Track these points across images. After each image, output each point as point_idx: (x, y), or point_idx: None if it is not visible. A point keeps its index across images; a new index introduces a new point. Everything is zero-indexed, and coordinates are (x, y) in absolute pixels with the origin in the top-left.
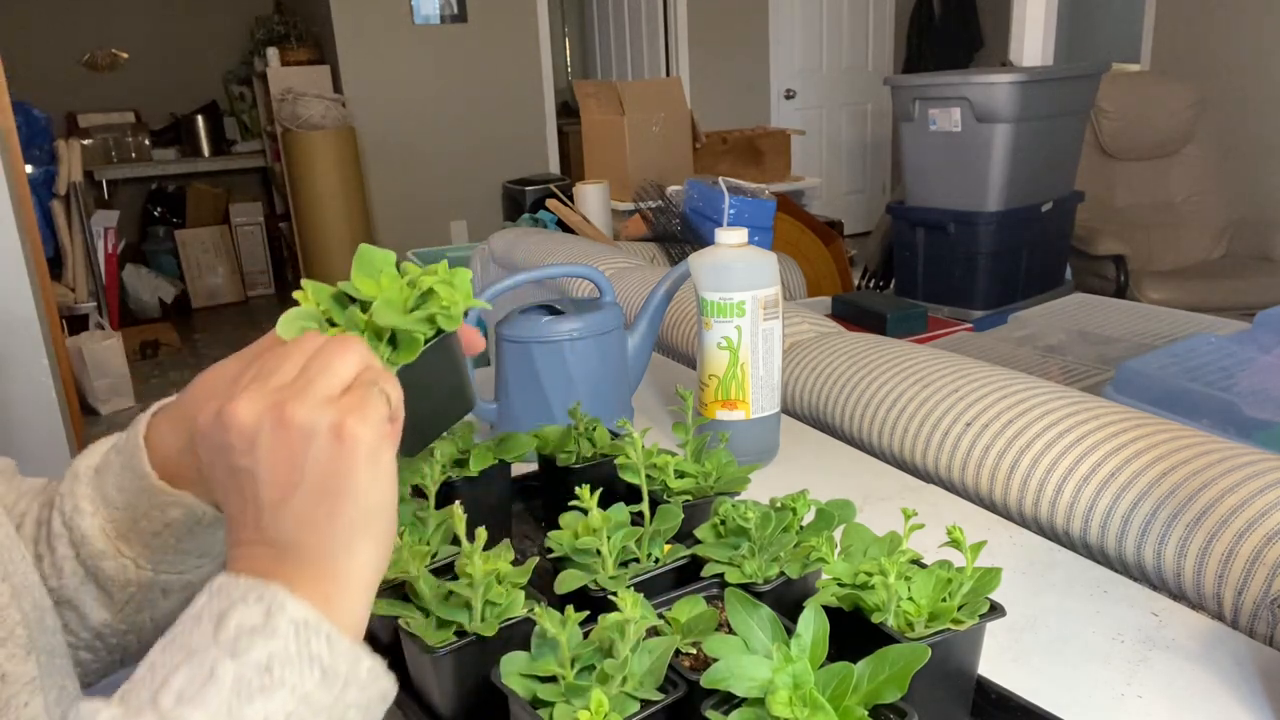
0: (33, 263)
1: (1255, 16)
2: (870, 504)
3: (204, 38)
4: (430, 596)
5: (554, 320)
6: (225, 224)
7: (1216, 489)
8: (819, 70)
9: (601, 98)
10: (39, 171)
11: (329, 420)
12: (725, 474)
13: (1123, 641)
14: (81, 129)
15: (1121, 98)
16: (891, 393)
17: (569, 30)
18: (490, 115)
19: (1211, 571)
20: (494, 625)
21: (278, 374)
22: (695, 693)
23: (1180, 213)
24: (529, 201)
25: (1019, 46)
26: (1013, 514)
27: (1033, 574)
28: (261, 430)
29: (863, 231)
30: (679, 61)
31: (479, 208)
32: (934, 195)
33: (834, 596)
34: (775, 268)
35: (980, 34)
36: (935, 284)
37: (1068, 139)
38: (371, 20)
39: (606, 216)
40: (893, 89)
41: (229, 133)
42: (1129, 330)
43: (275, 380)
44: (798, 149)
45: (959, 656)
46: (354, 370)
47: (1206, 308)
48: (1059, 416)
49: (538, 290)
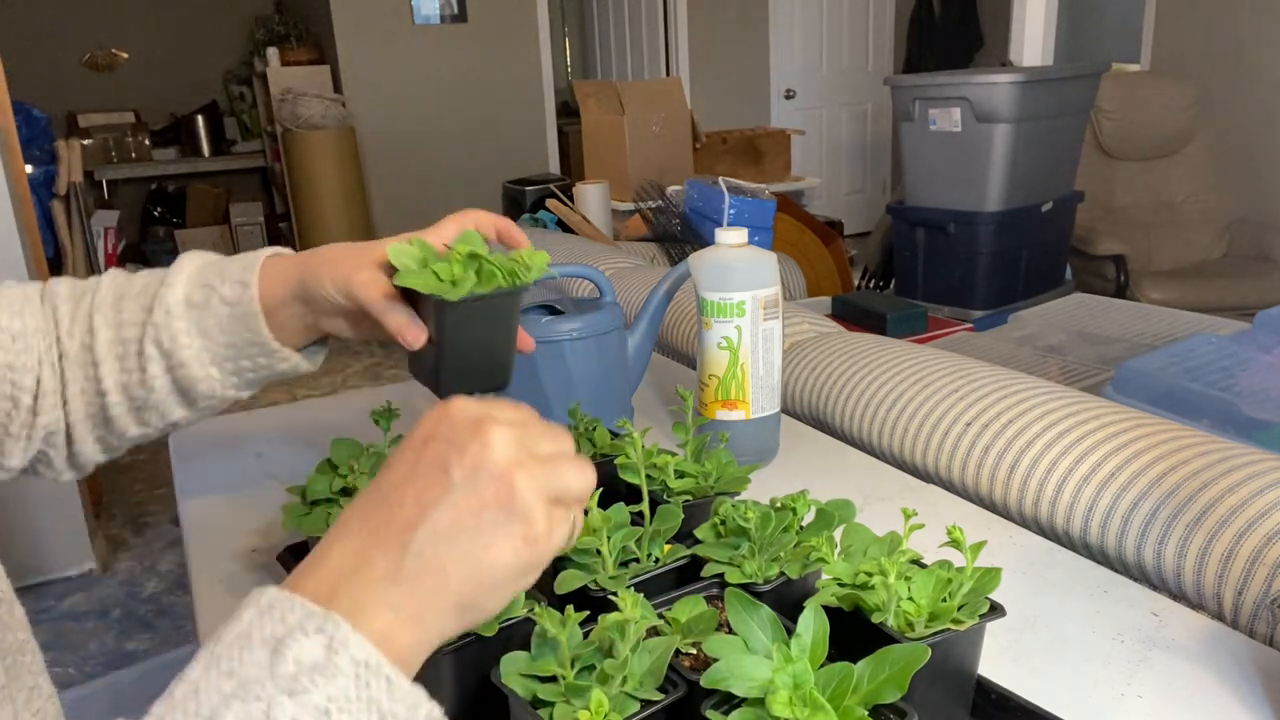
0: (33, 263)
1: (1255, 16)
2: (870, 504)
3: (204, 38)
4: None
5: (554, 320)
6: (225, 224)
7: (1216, 489)
8: (819, 70)
9: (601, 98)
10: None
11: (536, 517)
12: (725, 474)
13: (1123, 641)
14: (81, 129)
15: (1121, 98)
16: (891, 393)
17: (569, 30)
18: (490, 115)
19: (1211, 571)
20: (494, 625)
21: (538, 441)
22: (695, 693)
23: (1180, 213)
24: (529, 201)
25: (1019, 46)
26: (1013, 514)
27: (1033, 574)
28: (492, 469)
29: (863, 231)
30: (679, 61)
31: (479, 208)
32: (934, 195)
33: (834, 596)
34: (775, 268)
35: (980, 34)
36: (935, 284)
37: (1068, 139)
38: (371, 20)
39: (606, 216)
40: (893, 89)
41: (229, 133)
42: (1129, 330)
43: (532, 444)
44: (798, 149)
45: (959, 656)
46: (581, 492)
47: (1206, 308)
48: (1059, 416)
49: (538, 290)
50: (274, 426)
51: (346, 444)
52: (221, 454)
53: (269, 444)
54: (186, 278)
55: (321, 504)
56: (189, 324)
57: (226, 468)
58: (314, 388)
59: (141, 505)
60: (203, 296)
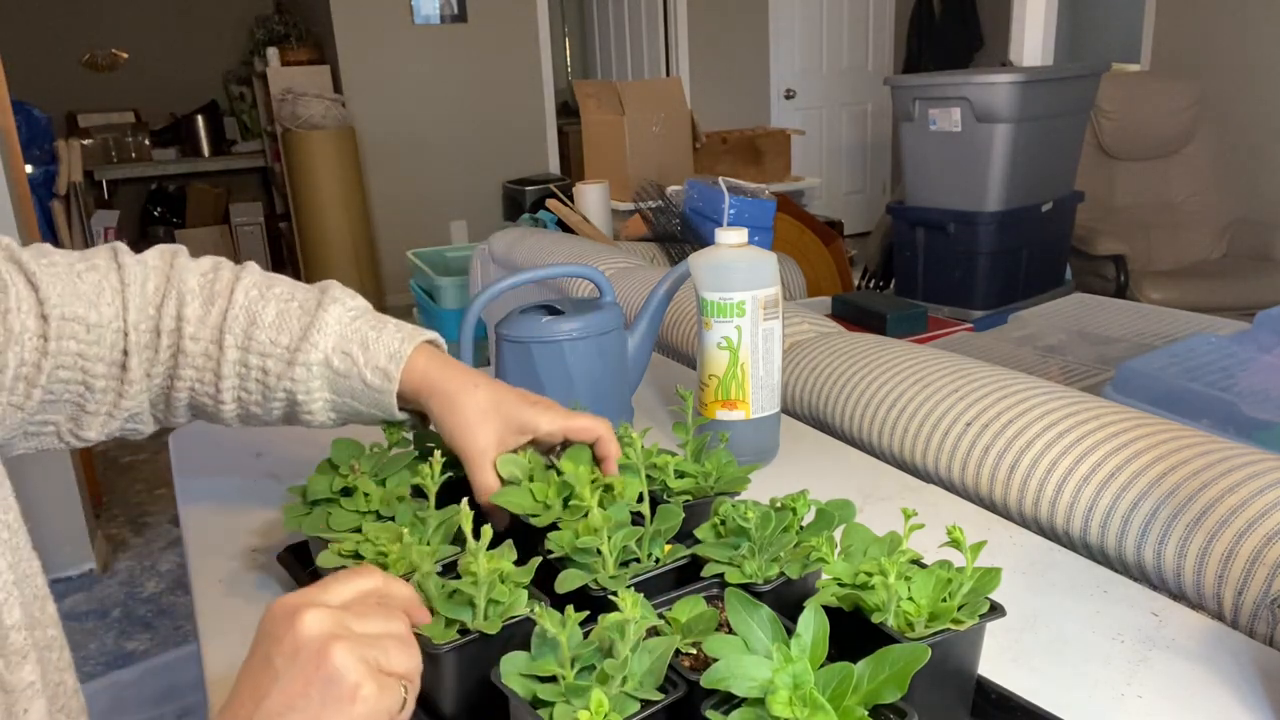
0: None
1: (1255, 16)
2: (870, 504)
3: (204, 38)
4: (436, 595)
5: (554, 320)
6: (225, 224)
7: (1216, 489)
8: (819, 70)
9: (601, 98)
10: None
11: (360, 680)
12: (725, 474)
13: (1123, 641)
14: (81, 129)
15: (1121, 98)
16: (891, 393)
17: (569, 30)
18: (490, 115)
19: (1211, 571)
20: (497, 623)
21: (362, 620)
22: (695, 693)
23: (1180, 213)
24: (529, 201)
25: (1019, 46)
26: (1013, 514)
27: (1033, 574)
28: (309, 646)
29: (863, 231)
30: (679, 61)
31: (479, 208)
32: (934, 195)
33: (834, 596)
34: (775, 268)
35: (980, 34)
36: (935, 284)
37: (1068, 139)
38: (371, 20)
39: (606, 216)
40: (893, 89)
41: (229, 133)
42: (1129, 330)
43: (352, 621)
44: (798, 149)
45: (959, 656)
46: (406, 670)
47: (1206, 308)
48: (1059, 416)
49: (538, 290)
50: (274, 426)
51: (346, 444)
52: (221, 454)
53: (269, 444)
54: (330, 340)
55: (321, 504)
56: (324, 383)
57: (226, 468)
58: None
59: (141, 505)
60: (344, 366)
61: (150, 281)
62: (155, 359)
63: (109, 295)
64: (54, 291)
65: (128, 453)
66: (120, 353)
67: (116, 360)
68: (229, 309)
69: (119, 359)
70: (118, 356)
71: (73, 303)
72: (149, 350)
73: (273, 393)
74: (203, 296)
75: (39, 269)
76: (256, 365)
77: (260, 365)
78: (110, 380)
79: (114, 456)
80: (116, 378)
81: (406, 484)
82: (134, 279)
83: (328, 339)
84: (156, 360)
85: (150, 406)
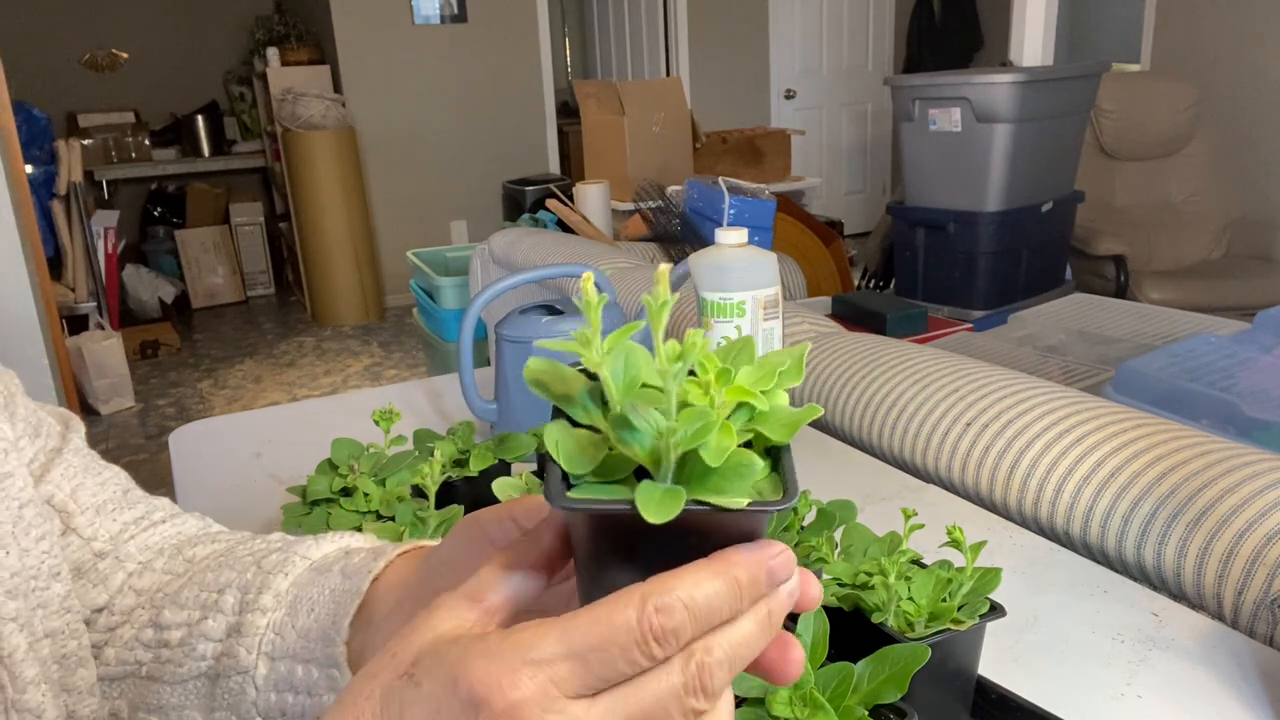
0: (33, 263)
1: (1255, 17)
2: (870, 504)
3: (204, 38)
4: None
5: (554, 320)
6: (225, 224)
7: (1216, 489)
8: (819, 70)
9: (601, 98)
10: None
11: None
12: None
13: (1123, 641)
14: (81, 129)
15: (1121, 98)
16: (891, 393)
17: (569, 30)
18: (490, 115)
19: (1211, 571)
20: None
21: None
22: None
23: (1180, 213)
24: (529, 201)
25: (1019, 46)
26: (1013, 514)
27: (1033, 574)
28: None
29: (863, 231)
30: (679, 61)
31: (479, 208)
32: (934, 195)
33: (834, 597)
34: (775, 268)
35: (980, 34)
36: (935, 284)
37: (1068, 139)
38: (371, 20)
39: (606, 216)
40: (893, 89)
41: (229, 133)
42: (1129, 330)
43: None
44: (798, 149)
45: (959, 656)
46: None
47: (1206, 308)
48: (1059, 416)
49: (538, 290)
50: (274, 426)
51: (346, 444)
52: (221, 454)
53: (269, 444)
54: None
55: (321, 504)
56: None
57: (226, 468)
58: (314, 388)
59: None
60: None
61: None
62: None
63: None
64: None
65: (128, 452)
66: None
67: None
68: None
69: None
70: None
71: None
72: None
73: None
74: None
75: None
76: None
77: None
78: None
79: (114, 456)
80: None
81: (406, 484)
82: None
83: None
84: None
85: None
